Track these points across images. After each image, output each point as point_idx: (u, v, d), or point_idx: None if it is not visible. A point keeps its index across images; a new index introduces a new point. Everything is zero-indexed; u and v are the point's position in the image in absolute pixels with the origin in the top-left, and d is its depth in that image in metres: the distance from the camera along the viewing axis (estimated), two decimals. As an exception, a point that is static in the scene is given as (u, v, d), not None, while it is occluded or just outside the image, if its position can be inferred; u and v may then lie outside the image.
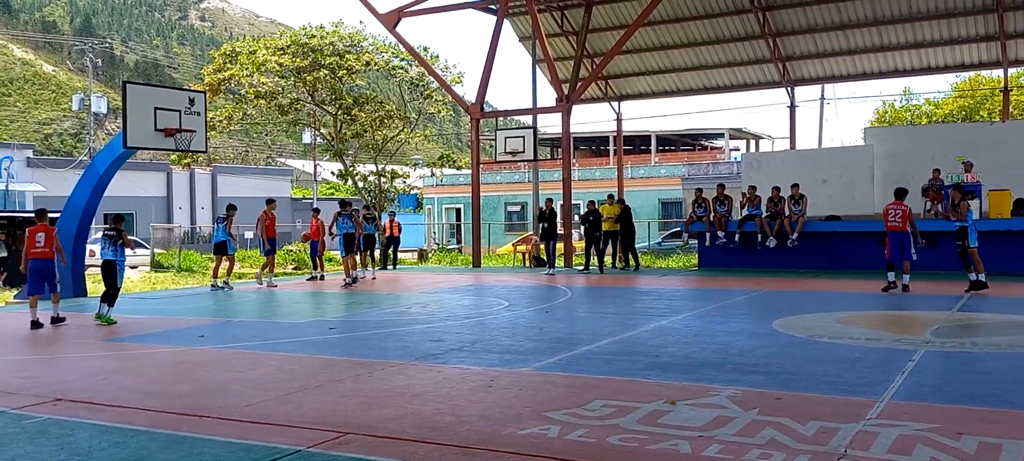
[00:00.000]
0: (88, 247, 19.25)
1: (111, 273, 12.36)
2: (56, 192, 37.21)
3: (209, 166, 55.30)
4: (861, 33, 26.03)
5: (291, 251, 35.57)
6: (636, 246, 22.55)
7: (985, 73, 46.51)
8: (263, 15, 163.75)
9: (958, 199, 14.09)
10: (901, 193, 14.99)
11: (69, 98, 71.55)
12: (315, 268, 20.58)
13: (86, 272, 17.89)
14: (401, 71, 32.73)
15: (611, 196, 23.28)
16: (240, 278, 22.94)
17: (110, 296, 12.30)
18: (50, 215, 13.10)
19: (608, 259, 23.10)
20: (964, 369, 7.51)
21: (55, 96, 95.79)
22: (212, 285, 18.02)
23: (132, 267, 33.62)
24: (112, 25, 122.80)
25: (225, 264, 18.27)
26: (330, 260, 23.73)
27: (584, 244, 21.46)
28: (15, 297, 17.23)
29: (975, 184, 18.10)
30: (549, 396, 6.69)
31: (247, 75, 30.42)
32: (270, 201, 18.97)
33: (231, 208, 18.56)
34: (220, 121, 31.29)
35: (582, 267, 21.19)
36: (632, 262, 21.37)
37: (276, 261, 20.22)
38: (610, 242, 22.46)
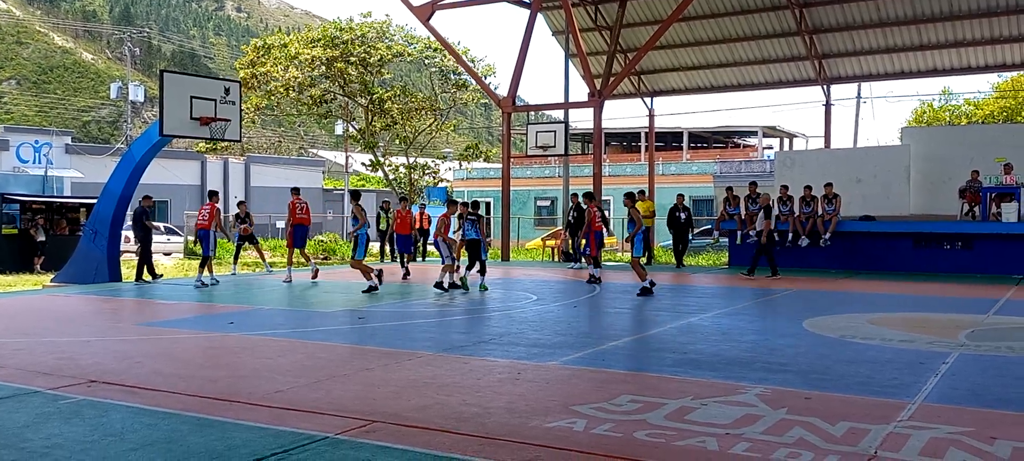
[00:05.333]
0: (123, 233, 19.53)
1: (475, 249, 15.18)
2: (94, 178, 37.76)
3: (242, 156, 55.86)
4: (900, 31, 25.65)
5: (322, 242, 35.83)
6: (660, 244, 22.41)
7: (1027, 74, 45.68)
8: (297, 7, 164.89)
9: (628, 205, 14.39)
10: (588, 197, 16.59)
11: (107, 86, 72.56)
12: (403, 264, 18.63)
13: (121, 258, 18.15)
14: (433, 60, 32.85)
15: (642, 192, 23.18)
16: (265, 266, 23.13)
17: (482, 270, 15.12)
18: (88, 201, 13.66)
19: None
20: (999, 373, 7.38)
21: (94, 84, 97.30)
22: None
23: (166, 254, 34.13)
24: (150, 15, 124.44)
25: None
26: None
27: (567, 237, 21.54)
28: (52, 281, 17.54)
29: (1015, 186, 17.79)
30: (576, 390, 6.69)
31: (281, 70, 30.73)
32: (404, 199, 18.23)
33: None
34: (247, 110, 31.67)
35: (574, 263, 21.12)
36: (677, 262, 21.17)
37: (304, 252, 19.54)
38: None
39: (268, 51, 32.57)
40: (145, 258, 17.24)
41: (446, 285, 14.62)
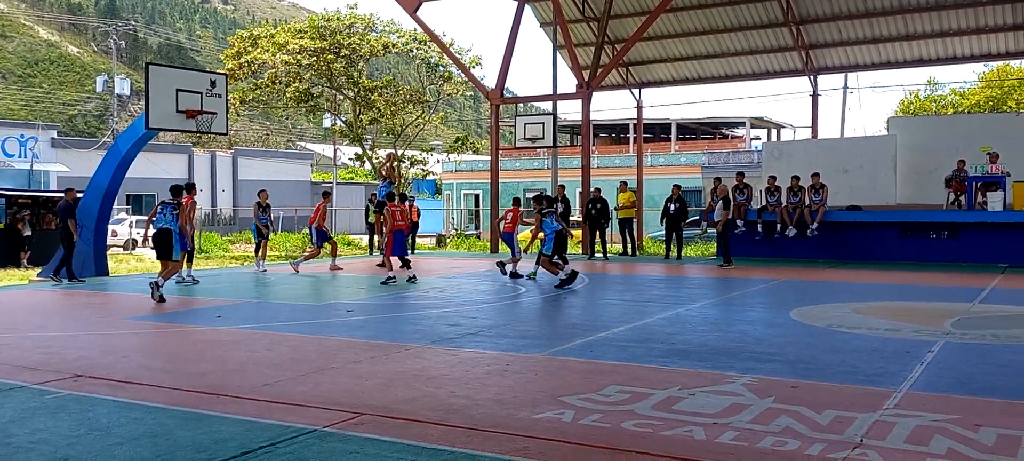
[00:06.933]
0: (110, 227, 19.41)
1: (564, 241, 15.09)
2: (80, 172, 37.55)
3: (230, 149, 55.62)
4: (886, 21, 25.71)
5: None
6: (650, 235, 22.26)
7: (1013, 63, 45.93)
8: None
9: (537, 208, 14.57)
10: (389, 197, 15.71)
11: (93, 80, 72.14)
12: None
13: (107, 252, 18.05)
14: (421, 52, 32.81)
15: (624, 183, 23.21)
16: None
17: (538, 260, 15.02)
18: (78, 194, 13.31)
19: (617, 246, 23.02)
20: (984, 361, 7.43)
21: (80, 77, 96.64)
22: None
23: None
24: (136, 7, 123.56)
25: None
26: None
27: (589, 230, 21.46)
28: (38, 275, 17.43)
29: (1000, 175, 17.89)
30: (564, 381, 6.70)
31: (270, 55, 30.62)
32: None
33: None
34: (232, 102, 31.53)
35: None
36: (674, 251, 21.06)
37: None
38: (625, 230, 22.41)
39: (255, 42, 32.46)
40: (65, 258, 15.64)
41: (512, 272, 15.50)
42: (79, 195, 16.65)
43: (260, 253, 17.90)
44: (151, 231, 12.89)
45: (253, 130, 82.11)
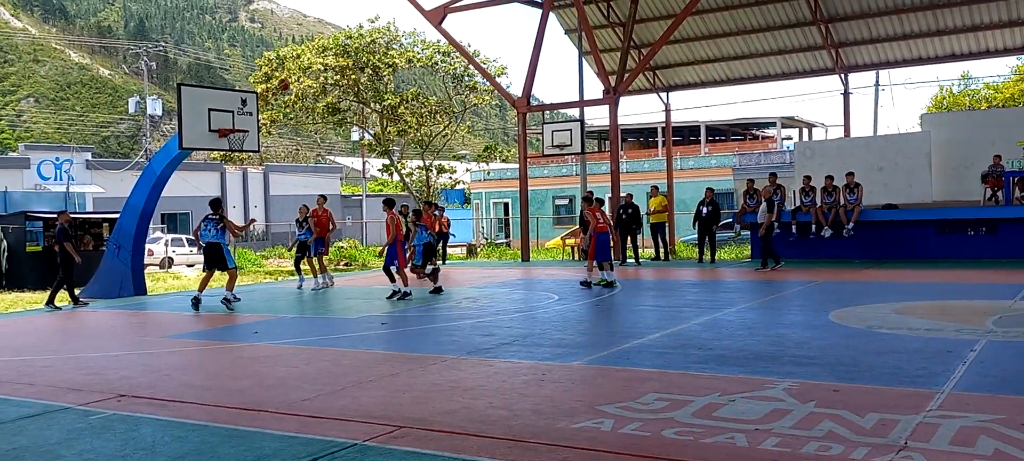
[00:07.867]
0: (147, 246, 19.68)
1: (431, 251, 15.58)
2: (115, 193, 38.12)
3: (261, 165, 56.23)
4: (917, 17, 25.39)
5: (341, 247, 35.98)
6: (682, 239, 22.03)
7: (1047, 55, 45.05)
8: (311, 15, 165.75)
9: (414, 220, 14.92)
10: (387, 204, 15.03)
11: (125, 101, 73.35)
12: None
13: (145, 271, 18.28)
14: (446, 65, 32.97)
15: (655, 188, 23.09)
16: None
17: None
18: (110, 216, 13.59)
19: (650, 251, 22.88)
20: (1029, 360, 7.29)
21: (112, 99, 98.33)
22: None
23: (189, 266, 34.36)
24: (165, 28, 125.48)
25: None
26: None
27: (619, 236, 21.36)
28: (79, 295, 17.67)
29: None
30: (602, 390, 6.68)
31: (294, 79, 30.98)
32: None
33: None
34: (263, 123, 31.88)
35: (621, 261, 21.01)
36: (708, 254, 20.91)
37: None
38: (657, 234, 22.31)
39: (281, 63, 32.84)
40: (65, 281, 15.46)
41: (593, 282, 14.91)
42: (73, 216, 17.10)
43: (318, 267, 17.18)
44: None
45: (283, 146, 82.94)
